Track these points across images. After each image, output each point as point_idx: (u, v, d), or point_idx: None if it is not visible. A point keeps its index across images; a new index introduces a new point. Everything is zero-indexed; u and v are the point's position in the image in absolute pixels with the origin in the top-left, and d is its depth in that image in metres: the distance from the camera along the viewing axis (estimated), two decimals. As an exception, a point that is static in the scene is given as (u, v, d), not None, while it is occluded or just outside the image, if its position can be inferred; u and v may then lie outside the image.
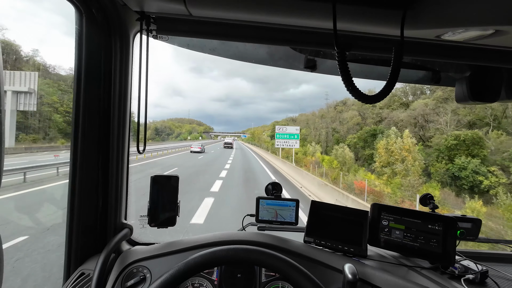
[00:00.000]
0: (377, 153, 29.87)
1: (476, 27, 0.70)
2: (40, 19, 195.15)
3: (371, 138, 36.68)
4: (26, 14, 34.13)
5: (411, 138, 27.54)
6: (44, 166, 9.33)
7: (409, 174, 25.07)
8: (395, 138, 28.31)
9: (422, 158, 27.23)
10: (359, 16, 0.77)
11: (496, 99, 1.12)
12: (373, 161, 30.14)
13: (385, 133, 31.49)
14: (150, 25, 0.90)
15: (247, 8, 0.78)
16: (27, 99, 8.65)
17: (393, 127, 31.39)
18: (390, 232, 1.01)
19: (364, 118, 44.63)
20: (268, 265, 0.66)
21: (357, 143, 38.44)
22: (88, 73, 0.90)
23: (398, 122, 36.74)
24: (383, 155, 28.38)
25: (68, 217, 0.93)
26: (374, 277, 0.86)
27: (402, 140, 27.36)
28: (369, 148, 35.81)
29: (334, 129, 47.57)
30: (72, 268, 0.93)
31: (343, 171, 26.82)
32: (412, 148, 26.76)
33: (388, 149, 28.01)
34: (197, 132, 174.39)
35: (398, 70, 0.75)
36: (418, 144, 29.34)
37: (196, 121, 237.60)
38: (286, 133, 30.43)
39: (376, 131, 37.25)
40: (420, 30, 0.78)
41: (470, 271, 0.93)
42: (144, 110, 0.94)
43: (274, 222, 1.15)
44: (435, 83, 1.24)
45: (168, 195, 1.01)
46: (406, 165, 25.86)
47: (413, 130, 32.72)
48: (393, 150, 27.34)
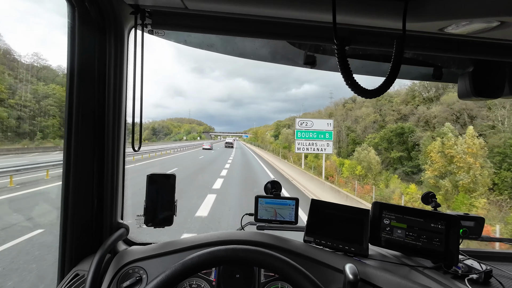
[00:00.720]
0: (426, 158, 22.05)
1: (481, 19, 0.68)
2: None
3: (397, 138, 31.07)
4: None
5: (477, 137, 19.83)
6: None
7: (477, 187, 17.99)
8: (454, 138, 20.64)
9: (491, 165, 19.48)
10: (360, 8, 0.74)
11: (500, 95, 1.10)
12: (400, 165, 24.72)
13: (436, 132, 24.39)
14: (145, 19, 0.88)
15: (245, 1, 0.75)
16: None
17: (448, 123, 23.71)
18: (391, 231, 0.99)
19: (382, 115, 38.95)
20: (267, 265, 0.65)
21: (379, 143, 32.19)
22: (82, 69, 0.88)
23: (431, 119, 31.17)
24: (437, 161, 20.44)
25: (62, 216, 0.91)
26: (376, 277, 0.84)
27: (465, 141, 19.79)
28: (395, 150, 29.98)
29: (348, 127, 41.60)
30: (66, 268, 0.91)
31: (368, 178, 21.94)
32: (480, 152, 19.13)
33: (445, 153, 20.21)
34: (196, 132, 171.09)
35: (399, 65, 0.73)
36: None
37: (196, 121, 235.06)
38: (311, 130, 20.06)
39: (404, 129, 31.23)
40: (423, 22, 0.75)
41: (474, 271, 0.91)
42: (139, 107, 0.92)
43: (273, 222, 1.13)
44: (437, 79, 1.22)
45: (165, 194, 0.99)
46: (473, 175, 18.20)
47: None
48: (454, 155, 19.47)
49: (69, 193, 0.90)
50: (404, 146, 30.86)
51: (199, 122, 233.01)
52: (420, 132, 30.42)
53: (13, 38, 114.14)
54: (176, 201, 1.01)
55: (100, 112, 0.93)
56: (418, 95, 37.30)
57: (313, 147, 20.00)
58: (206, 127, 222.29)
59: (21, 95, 19.30)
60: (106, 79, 0.92)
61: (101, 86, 0.92)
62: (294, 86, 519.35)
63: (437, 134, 23.39)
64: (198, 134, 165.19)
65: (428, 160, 21.63)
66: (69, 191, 0.90)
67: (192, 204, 8.15)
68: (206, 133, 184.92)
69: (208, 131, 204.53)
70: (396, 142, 30.94)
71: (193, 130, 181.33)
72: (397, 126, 32.79)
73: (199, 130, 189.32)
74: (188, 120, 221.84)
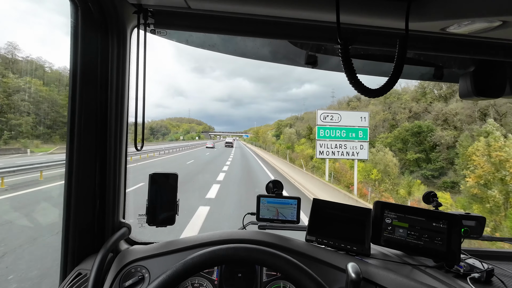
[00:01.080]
0: (467, 161, 17.98)
1: (483, 18, 0.68)
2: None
3: (414, 138, 27.65)
4: None
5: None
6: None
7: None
8: (502, 138, 16.11)
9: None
10: (363, 8, 0.75)
11: (501, 95, 1.10)
12: (417, 167, 21.05)
13: (476, 131, 19.63)
14: (148, 19, 0.88)
15: (247, 0, 0.76)
16: None
17: (490, 120, 19.05)
18: (393, 231, 1.00)
19: (392, 113, 35.24)
20: (269, 264, 0.65)
21: (393, 144, 28.58)
22: (85, 68, 0.88)
23: (451, 116, 27.55)
24: (483, 166, 16.27)
25: (65, 216, 0.91)
26: (378, 276, 0.84)
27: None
28: (411, 151, 26.72)
29: (358, 127, 38.74)
30: (69, 268, 0.91)
31: (385, 183, 18.27)
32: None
33: (492, 156, 15.90)
34: (195, 132, 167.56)
35: (402, 64, 0.73)
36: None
37: (196, 120, 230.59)
38: (339, 127, 15.02)
39: (422, 128, 27.68)
40: (425, 22, 0.76)
41: (476, 270, 0.92)
42: (142, 107, 0.92)
43: (275, 221, 1.13)
44: (438, 79, 1.22)
45: (167, 193, 0.99)
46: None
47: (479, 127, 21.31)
48: (506, 159, 15.32)
49: (72, 192, 0.90)
50: (422, 147, 27.81)
51: (199, 122, 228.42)
52: (441, 131, 27.45)
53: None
54: (178, 200, 1.01)
55: (102, 112, 0.93)
56: (429, 91, 34.55)
57: (341, 150, 14.83)
58: (205, 126, 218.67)
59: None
60: (108, 78, 0.92)
61: (103, 85, 0.92)
62: (295, 85, 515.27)
63: (477, 133, 18.97)
64: (197, 133, 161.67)
65: (469, 165, 16.90)
66: (71, 191, 0.90)
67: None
68: (205, 133, 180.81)
69: (207, 131, 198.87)
70: (412, 142, 27.35)
71: (192, 129, 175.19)
72: (413, 124, 28.92)
73: (198, 130, 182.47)
74: (187, 120, 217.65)
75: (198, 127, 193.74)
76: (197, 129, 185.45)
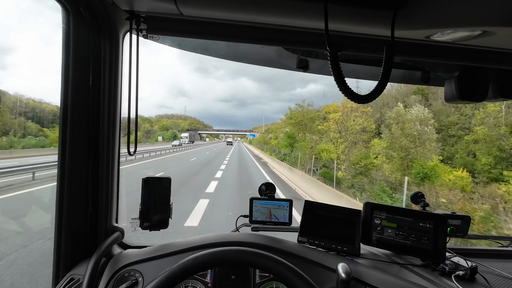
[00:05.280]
0: None
1: (464, 28, 0.71)
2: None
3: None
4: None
5: None
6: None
7: None
8: None
9: None
10: (351, 16, 0.77)
11: (484, 98, 1.14)
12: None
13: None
14: (140, 24, 0.89)
15: (239, 8, 0.77)
16: None
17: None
18: (382, 231, 1.02)
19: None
20: (262, 266, 0.66)
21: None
22: (76, 73, 0.88)
23: None
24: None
25: (57, 220, 0.90)
26: (367, 275, 0.86)
27: None
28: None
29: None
30: (61, 273, 0.90)
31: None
32: None
33: None
34: (178, 130, 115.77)
35: (390, 70, 0.76)
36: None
37: (191, 118, 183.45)
38: None
39: None
40: (410, 30, 0.79)
41: (460, 268, 0.95)
42: (134, 110, 0.92)
43: (268, 223, 1.14)
44: (425, 83, 1.26)
45: (160, 197, 0.99)
46: None
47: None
48: None
49: (64, 196, 0.90)
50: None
51: (195, 120, 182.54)
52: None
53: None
54: (172, 203, 1.01)
55: (95, 115, 0.93)
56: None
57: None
58: (192, 121, 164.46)
59: None
60: (101, 82, 0.92)
61: (95, 89, 0.92)
62: (299, 85, 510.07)
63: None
64: (171, 132, 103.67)
65: None
66: (63, 195, 0.90)
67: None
68: (192, 131, 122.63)
69: (195, 128, 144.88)
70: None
71: (176, 126, 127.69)
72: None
73: (183, 126, 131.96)
74: (177, 117, 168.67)
75: (183, 123, 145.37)
76: (182, 125, 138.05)
